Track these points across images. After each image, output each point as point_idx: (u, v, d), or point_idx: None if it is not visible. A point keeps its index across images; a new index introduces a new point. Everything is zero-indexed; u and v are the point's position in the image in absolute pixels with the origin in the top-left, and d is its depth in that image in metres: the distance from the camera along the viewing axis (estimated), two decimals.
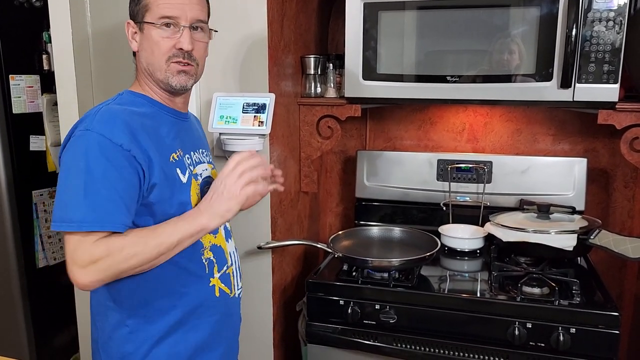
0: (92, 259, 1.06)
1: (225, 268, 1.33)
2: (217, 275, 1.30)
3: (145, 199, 1.16)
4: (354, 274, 1.72)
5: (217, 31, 1.33)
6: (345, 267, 1.77)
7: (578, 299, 1.53)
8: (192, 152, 1.31)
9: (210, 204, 1.17)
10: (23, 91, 2.19)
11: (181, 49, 1.21)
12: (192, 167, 1.28)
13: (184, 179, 1.23)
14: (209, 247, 1.29)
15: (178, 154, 1.24)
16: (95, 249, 1.07)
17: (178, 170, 1.22)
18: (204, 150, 1.39)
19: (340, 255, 1.71)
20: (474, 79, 1.67)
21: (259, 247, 1.72)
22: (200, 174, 1.31)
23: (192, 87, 1.29)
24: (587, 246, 1.65)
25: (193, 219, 1.16)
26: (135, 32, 1.25)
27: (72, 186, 1.09)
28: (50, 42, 1.96)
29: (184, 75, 1.24)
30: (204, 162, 1.35)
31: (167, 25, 1.20)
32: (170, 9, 1.20)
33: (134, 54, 1.29)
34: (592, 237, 1.63)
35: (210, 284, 1.29)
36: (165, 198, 1.18)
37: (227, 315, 1.36)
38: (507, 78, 1.65)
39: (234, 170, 1.18)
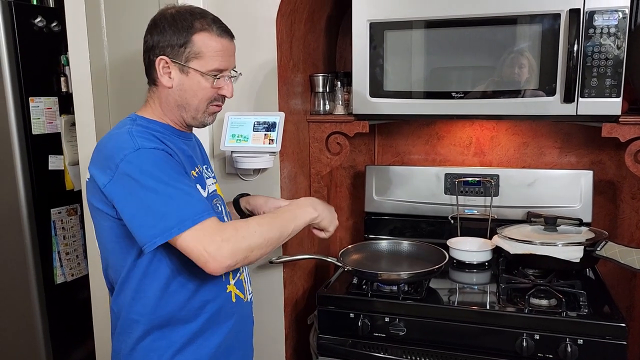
0: (225, 237, 1.15)
1: (238, 274, 1.40)
2: (232, 281, 1.37)
3: None
4: (363, 287, 1.75)
5: (241, 74, 1.40)
6: (355, 281, 1.80)
7: (585, 311, 1.55)
8: (203, 169, 1.39)
9: (319, 203, 1.43)
10: (42, 113, 2.26)
11: (224, 95, 1.31)
12: (206, 182, 1.36)
13: (205, 194, 1.31)
14: None
15: (197, 170, 1.32)
16: (223, 231, 1.16)
17: (199, 186, 1.29)
18: (207, 166, 1.46)
19: (350, 269, 1.74)
20: (478, 95, 1.71)
21: (271, 262, 1.76)
22: (208, 188, 1.38)
23: None
24: (594, 258, 1.66)
25: (303, 210, 1.37)
26: (168, 67, 1.26)
27: (155, 199, 1.14)
28: (68, 65, 2.03)
29: (215, 115, 1.35)
30: (210, 177, 1.43)
31: (216, 76, 1.27)
32: (223, 63, 1.27)
33: (151, 82, 1.32)
34: (598, 248, 1.64)
35: (227, 290, 1.35)
36: None
37: (243, 318, 1.42)
38: (511, 93, 1.68)
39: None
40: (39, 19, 2.23)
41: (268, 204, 1.58)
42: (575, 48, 1.56)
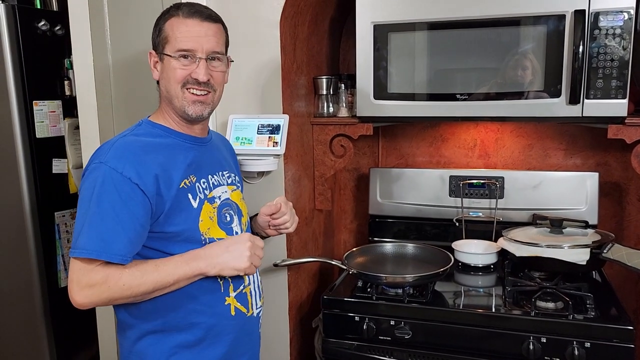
0: (90, 283, 1.13)
1: (241, 287, 1.36)
2: (232, 294, 1.33)
3: (156, 226, 1.21)
4: (368, 290, 1.74)
5: (232, 61, 1.37)
6: (360, 284, 1.79)
7: (592, 314, 1.54)
8: (209, 176, 1.34)
9: (216, 255, 1.23)
10: (46, 116, 2.26)
11: (196, 79, 1.27)
12: (207, 192, 1.31)
13: (195, 204, 1.27)
14: None
15: (190, 180, 1.28)
16: (95, 274, 1.13)
17: (189, 196, 1.27)
18: (224, 172, 1.41)
19: (355, 271, 1.74)
20: (483, 96, 1.70)
21: (275, 265, 1.75)
22: (219, 196, 1.35)
23: (209, 115, 1.34)
24: (600, 260, 1.65)
25: (194, 262, 1.21)
26: (157, 62, 1.31)
27: (82, 216, 1.16)
28: (72, 68, 2.03)
29: (199, 105, 1.29)
30: (223, 185, 1.38)
31: (185, 57, 1.26)
32: (187, 43, 1.25)
33: (158, 82, 1.34)
34: (605, 251, 1.63)
35: (226, 303, 1.32)
36: (173, 223, 1.23)
37: (245, 334, 1.38)
38: (516, 95, 1.67)
39: (253, 246, 1.26)
40: (42, 23, 2.23)
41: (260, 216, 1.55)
42: (580, 49, 1.56)
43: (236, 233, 1.37)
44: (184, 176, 1.27)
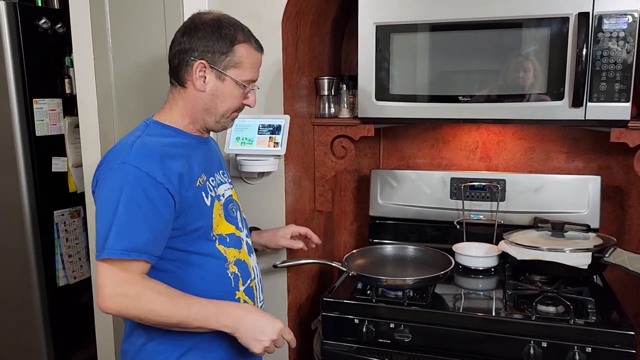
0: (124, 293, 1.13)
1: (249, 281, 1.38)
2: (242, 288, 1.35)
3: (176, 224, 1.22)
4: (368, 292, 1.72)
5: (259, 88, 1.41)
6: (359, 286, 1.78)
7: (594, 318, 1.53)
8: (215, 174, 1.37)
9: (246, 321, 1.23)
10: (46, 114, 2.25)
11: (247, 105, 1.34)
12: (215, 189, 1.34)
13: (208, 202, 1.29)
14: (234, 261, 1.34)
15: (202, 178, 1.30)
16: (129, 288, 1.13)
17: (203, 194, 1.28)
18: (223, 172, 1.45)
19: (355, 274, 1.73)
20: (485, 99, 1.69)
21: (275, 266, 1.74)
22: (223, 194, 1.37)
23: None
24: (602, 264, 1.64)
25: (222, 317, 1.21)
26: (204, 73, 1.27)
27: (108, 217, 1.14)
28: (72, 66, 2.02)
29: (234, 121, 1.38)
30: (225, 183, 1.42)
31: (247, 86, 1.31)
32: (256, 75, 1.33)
33: (174, 82, 1.31)
34: (606, 255, 1.62)
35: (236, 297, 1.33)
36: (192, 221, 1.25)
37: None
38: (518, 97, 1.66)
39: (273, 337, 1.25)
40: (43, 20, 2.22)
41: (278, 233, 1.65)
42: (584, 52, 1.55)
43: (239, 228, 1.39)
44: (198, 175, 1.29)
